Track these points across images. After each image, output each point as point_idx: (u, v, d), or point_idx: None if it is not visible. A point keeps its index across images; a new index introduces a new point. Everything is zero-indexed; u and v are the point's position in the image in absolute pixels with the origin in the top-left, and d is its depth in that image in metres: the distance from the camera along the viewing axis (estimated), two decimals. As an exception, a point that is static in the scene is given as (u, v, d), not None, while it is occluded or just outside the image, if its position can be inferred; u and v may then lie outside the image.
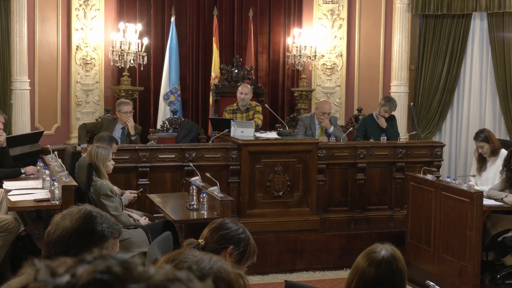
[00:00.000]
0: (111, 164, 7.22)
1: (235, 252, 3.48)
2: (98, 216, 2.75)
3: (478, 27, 11.81)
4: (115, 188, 7.32)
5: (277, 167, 8.83)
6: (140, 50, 11.14)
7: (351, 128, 10.77)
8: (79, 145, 9.70)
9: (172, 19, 11.69)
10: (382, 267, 3.03)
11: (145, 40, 11.31)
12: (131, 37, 11.06)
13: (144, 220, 7.45)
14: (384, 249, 3.08)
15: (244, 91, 10.07)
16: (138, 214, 7.58)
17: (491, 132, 8.72)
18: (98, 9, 11.43)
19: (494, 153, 8.33)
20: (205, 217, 6.85)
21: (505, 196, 7.69)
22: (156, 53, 11.88)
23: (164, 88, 11.60)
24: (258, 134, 9.26)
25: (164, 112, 11.52)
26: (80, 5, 11.28)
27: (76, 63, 11.31)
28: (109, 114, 10.43)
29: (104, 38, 11.47)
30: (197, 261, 1.89)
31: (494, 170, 8.30)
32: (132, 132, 9.53)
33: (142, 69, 11.36)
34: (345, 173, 9.39)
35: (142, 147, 8.91)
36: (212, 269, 1.85)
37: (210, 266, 1.86)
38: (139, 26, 11.27)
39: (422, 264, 8.11)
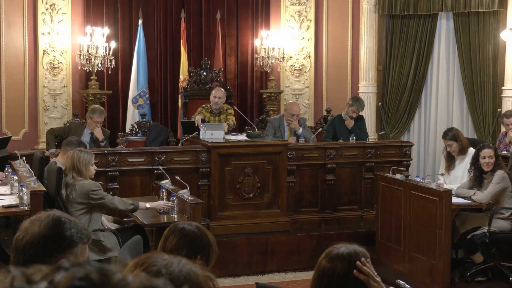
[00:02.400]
0: (93, 168, 7.17)
1: (203, 259, 3.50)
2: (67, 222, 2.73)
3: (444, 27, 11.91)
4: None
5: (247, 169, 8.82)
6: (107, 53, 11.08)
7: (320, 129, 10.80)
8: (47, 150, 9.62)
9: (140, 22, 11.65)
10: (338, 261, 3.07)
11: (113, 44, 11.26)
12: (99, 40, 11.00)
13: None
14: (344, 247, 3.12)
15: (218, 94, 10.03)
16: (108, 219, 7.54)
17: (459, 130, 8.78)
18: (65, 13, 11.35)
19: (462, 151, 8.39)
20: (176, 220, 6.83)
21: (474, 194, 7.75)
22: (124, 57, 11.84)
23: (132, 91, 11.55)
24: (227, 137, 9.25)
25: (132, 116, 11.48)
26: (47, 9, 11.19)
27: (43, 67, 11.22)
28: (77, 119, 10.35)
29: (71, 42, 11.39)
30: (166, 264, 1.88)
31: (463, 169, 8.36)
32: (100, 138, 9.46)
33: (110, 72, 11.31)
34: (314, 174, 9.41)
35: (111, 151, 8.86)
36: (182, 272, 1.84)
37: (180, 269, 1.85)
38: (106, 30, 11.22)
39: (393, 263, 8.15)
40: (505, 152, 8.89)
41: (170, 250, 3.44)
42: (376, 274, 3.18)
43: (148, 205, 7.17)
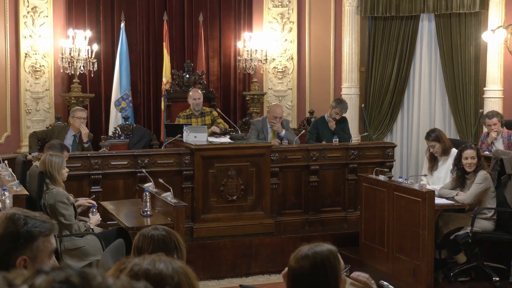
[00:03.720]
0: (65, 171, 7.16)
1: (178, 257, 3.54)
2: (22, 218, 2.71)
3: (426, 28, 11.95)
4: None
5: (230, 171, 8.82)
6: (90, 56, 11.04)
7: (303, 131, 10.82)
8: (30, 153, 9.57)
9: (122, 24, 11.62)
10: (305, 260, 3.10)
11: (95, 47, 11.22)
12: (81, 43, 10.97)
13: (96, 217, 7.45)
14: (308, 247, 3.15)
15: (197, 96, 10.04)
16: (93, 222, 7.52)
17: (442, 131, 8.81)
18: (47, 16, 11.31)
19: (445, 152, 8.42)
20: (158, 223, 6.81)
21: (456, 195, 7.78)
22: (106, 59, 11.80)
23: (115, 94, 11.52)
24: (211, 139, 9.25)
25: (115, 119, 11.44)
26: (28, 12, 11.14)
27: (25, 70, 11.16)
28: (60, 122, 10.30)
29: (53, 45, 11.35)
30: (147, 265, 1.90)
31: (445, 169, 8.39)
32: (85, 139, 9.44)
33: (92, 75, 11.27)
34: (298, 175, 9.42)
35: (94, 154, 8.83)
36: (169, 269, 1.87)
37: (167, 267, 1.87)
38: (88, 33, 11.17)
39: (377, 264, 8.17)
40: (487, 152, 8.93)
41: None
42: (372, 281, 3.23)
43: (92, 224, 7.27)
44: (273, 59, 12.55)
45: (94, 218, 7.44)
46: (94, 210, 7.54)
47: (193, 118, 10.02)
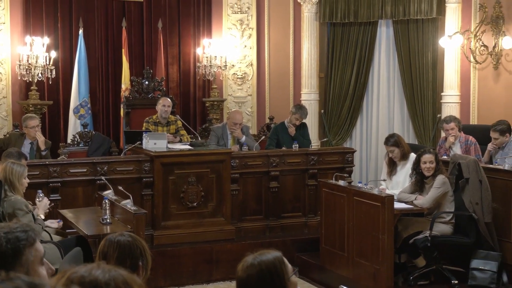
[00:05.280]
0: (26, 181, 7.07)
1: (143, 264, 3.51)
2: (2, 236, 2.62)
3: (384, 34, 12.03)
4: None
5: (190, 178, 8.80)
6: (48, 63, 10.95)
7: (263, 137, 10.84)
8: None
9: (80, 31, 11.55)
10: (251, 268, 3.11)
11: (53, 53, 11.14)
12: (39, 50, 10.88)
13: (56, 224, 7.37)
14: (252, 256, 3.16)
15: (167, 103, 9.99)
16: (51, 231, 7.43)
17: (401, 136, 8.87)
18: (4, 23, 11.20)
19: (404, 157, 8.48)
20: (118, 231, 6.76)
21: (415, 199, 7.85)
22: (64, 66, 11.72)
23: (73, 101, 11.44)
24: (170, 146, 9.22)
25: (74, 126, 11.36)
26: (-15, 19, 11.04)
27: (-18, 78, 11.05)
28: (18, 130, 10.20)
29: (10, 52, 11.24)
30: (84, 272, 1.90)
31: (404, 174, 8.45)
32: (42, 147, 9.34)
33: (50, 82, 11.18)
34: (258, 181, 9.42)
35: (52, 162, 8.75)
36: (106, 277, 1.87)
37: (103, 274, 1.87)
38: (46, 39, 11.09)
39: (337, 269, 8.20)
40: (446, 157, 9.01)
41: (114, 264, 3.40)
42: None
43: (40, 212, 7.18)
44: (233, 65, 12.57)
45: (42, 204, 7.26)
46: (41, 195, 7.35)
47: (160, 127, 9.97)
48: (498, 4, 10.55)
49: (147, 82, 11.23)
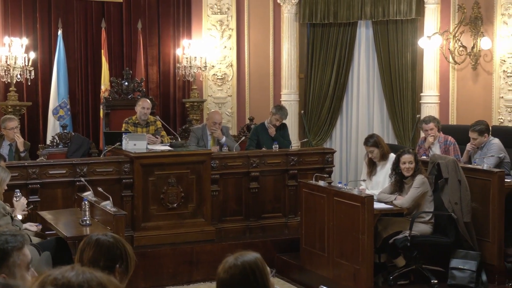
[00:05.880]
0: (3, 188, 7.03)
1: (121, 268, 3.44)
2: None
3: (364, 35, 12.07)
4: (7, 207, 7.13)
5: (170, 179, 8.78)
6: (27, 64, 10.89)
7: (243, 138, 10.84)
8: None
9: (59, 32, 11.49)
10: (234, 269, 3.10)
11: (32, 54, 11.07)
12: (17, 51, 10.81)
13: (35, 227, 7.32)
14: (233, 257, 3.16)
15: (146, 105, 9.95)
16: (30, 234, 7.39)
17: (380, 137, 8.90)
18: (-18, 24, 11.14)
19: (384, 157, 8.51)
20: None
21: (395, 199, 7.87)
22: (43, 67, 11.66)
23: (53, 102, 11.39)
24: (150, 147, 9.19)
25: (53, 127, 11.31)
26: (-38, 20, 10.97)
27: (-40, 79, 10.97)
28: (-4, 131, 10.14)
29: (-12, 53, 11.17)
30: (57, 274, 1.90)
31: (384, 174, 8.47)
32: (21, 148, 9.29)
33: (29, 83, 11.11)
34: (238, 182, 9.42)
35: (31, 163, 8.69)
36: (79, 279, 1.87)
37: (77, 276, 1.87)
38: (25, 40, 11.03)
39: (317, 269, 8.21)
40: (425, 157, 9.05)
41: (87, 262, 3.38)
42: None
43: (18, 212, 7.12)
44: (213, 66, 12.56)
45: (19, 204, 7.22)
46: (18, 194, 7.28)
47: (139, 128, 9.94)
48: (476, 5, 10.62)
49: (126, 83, 11.20)
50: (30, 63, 10.96)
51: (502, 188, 7.96)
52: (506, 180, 8.13)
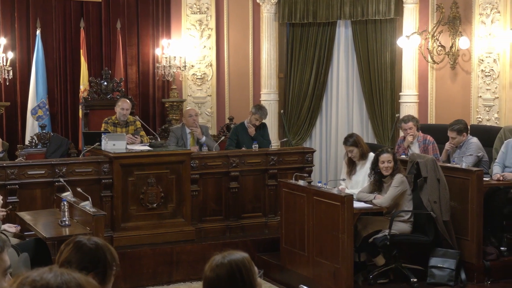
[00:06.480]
0: None
1: (98, 277, 3.32)
2: None
3: (343, 35, 12.11)
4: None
5: (150, 179, 8.76)
6: (5, 64, 10.82)
7: (223, 137, 10.83)
8: None
9: (38, 32, 11.43)
10: (220, 268, 3.09)
11: (10, 54, 11.00)
12: (-5, 51, 10.75)
13: (14, 228, 7.28)
14: (220, 256, 3.14)
15: (126, 106, 9.92)
16: (9, 235, 7.34)
17: (360, 136, 8.93)
18: (-41, 23, 11.05)
19: (363, 156, 8.54)
20: (77, 233, 6.71)
21: (374, 198, 7.90)
22: (22, 67, 11.59)
23: (31, 102, 11.33)
24: (129, 147, 9.17)
25: (32, 127, 11.25)
26: None
27: None
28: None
29: (-34, 53, 11.09)
30: (35, 276, 1.89)
31: (363, 173, 8.50)
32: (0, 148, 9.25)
33: (7, 83, 11.04)
34: (218, 182, 9.41)
35: (10, 163, 8.65)
36: (57, 280, 1.86)
37: (55, 278, 1.86)
38: (3, 40, 10.96)
39: (298, 269, 8.23)
40: (404, 156, 9.09)
41: (61, 263, 3.33)
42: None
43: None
44: (192, 65, 12.55)
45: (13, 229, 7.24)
46: None
47: (119, 128, 9.91)
48: (454, 5, 10.68)
49: (105, 83, 11.16)
50: (8, 63, 10.89)
51: (481, 187, 8.01)
52: (484, 179, 8.19)
